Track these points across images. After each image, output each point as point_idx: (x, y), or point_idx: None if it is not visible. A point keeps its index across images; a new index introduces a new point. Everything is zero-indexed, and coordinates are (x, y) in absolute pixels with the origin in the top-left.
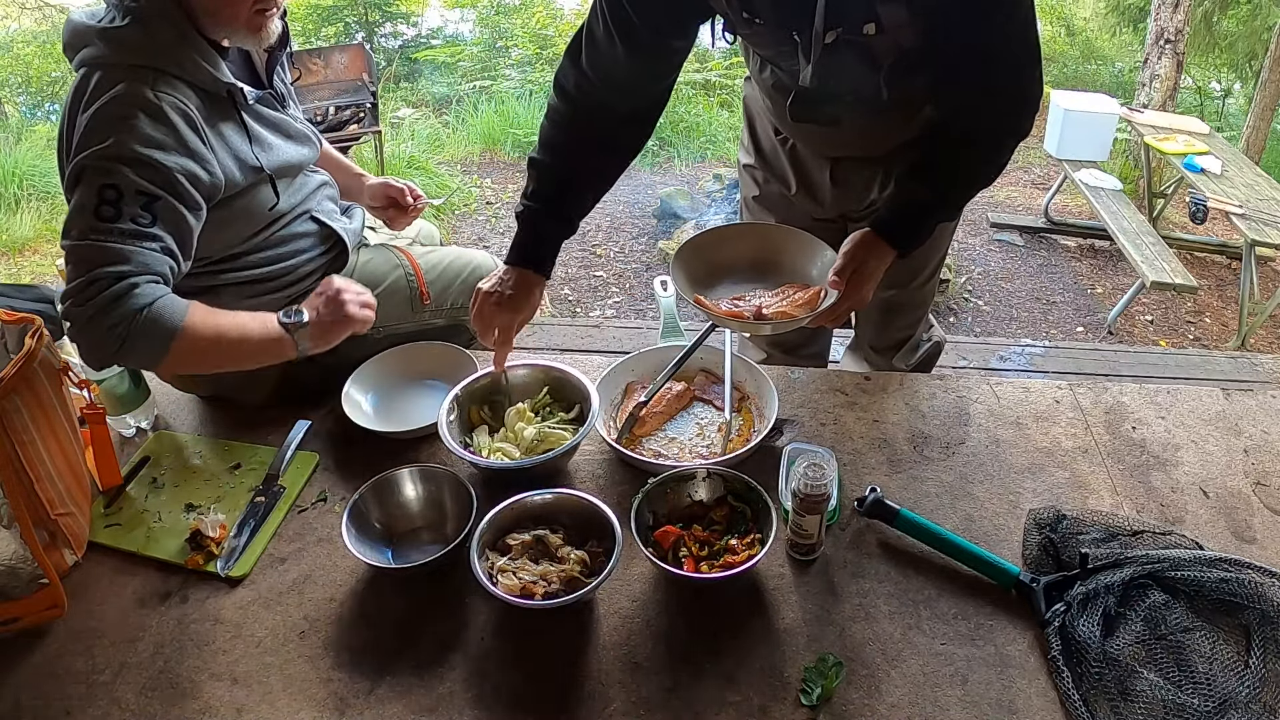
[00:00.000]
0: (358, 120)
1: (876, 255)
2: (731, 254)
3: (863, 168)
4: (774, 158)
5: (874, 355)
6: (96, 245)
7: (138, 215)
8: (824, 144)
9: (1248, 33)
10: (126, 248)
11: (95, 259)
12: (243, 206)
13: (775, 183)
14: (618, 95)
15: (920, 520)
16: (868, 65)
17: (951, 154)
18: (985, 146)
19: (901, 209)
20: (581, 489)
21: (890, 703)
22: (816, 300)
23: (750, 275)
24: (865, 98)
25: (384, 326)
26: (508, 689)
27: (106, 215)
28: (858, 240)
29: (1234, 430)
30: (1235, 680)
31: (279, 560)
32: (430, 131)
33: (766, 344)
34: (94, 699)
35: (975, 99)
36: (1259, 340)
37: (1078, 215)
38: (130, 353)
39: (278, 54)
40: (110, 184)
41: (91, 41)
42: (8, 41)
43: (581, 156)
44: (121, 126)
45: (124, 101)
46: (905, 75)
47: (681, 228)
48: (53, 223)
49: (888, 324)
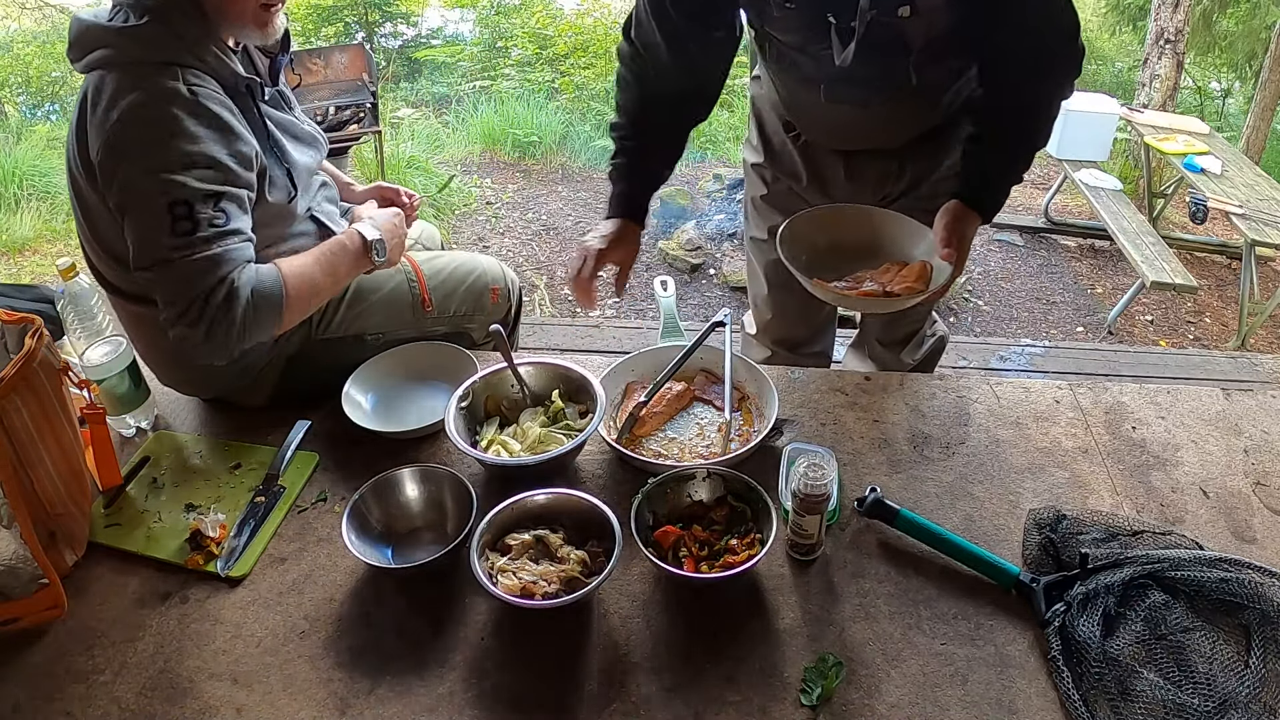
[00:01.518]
0: (358, 120)
1: (970, 225)
2: (832, 236)
3: (878, 161)
4: (784, 154)
5: (880, 350)
6: (187, 262)
7: (213, 218)
8: (840, 137)
9: (1247, 32)
10: (214, 253)
11: (191, 278)
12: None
13: (785, 180)
14: (666, 74)
15: (920, 520)
16: (898, 49)
17: (1012, 120)
18: (1040, 110)
19: (982, 177)
20: (581, 489)
21: (890, 703)
22: (924, 274)
23: (852, 256)
24: (894, 82)
25: (385, 333)
26: (508, 689)
27: (184, 230)
28: (952, 213)
29: (1234, 430)
30: (1235, 680)
31: (279, 560)
32: (430, 131)
33: (771, 341)
34: (94, 699)
35: (1020, 74)
36: (1259, 340)
37: (1078, 215)
38: (251, 339)
39: (279, 57)
40: (177, 200)
41: (108, 41)
42: (8, 41)
43: (647, 121)
44: (164, 130)
45: (158, 100)
46: (933, 61)
47: (681, 227)
48: (53, 223)
49: (895, 319)
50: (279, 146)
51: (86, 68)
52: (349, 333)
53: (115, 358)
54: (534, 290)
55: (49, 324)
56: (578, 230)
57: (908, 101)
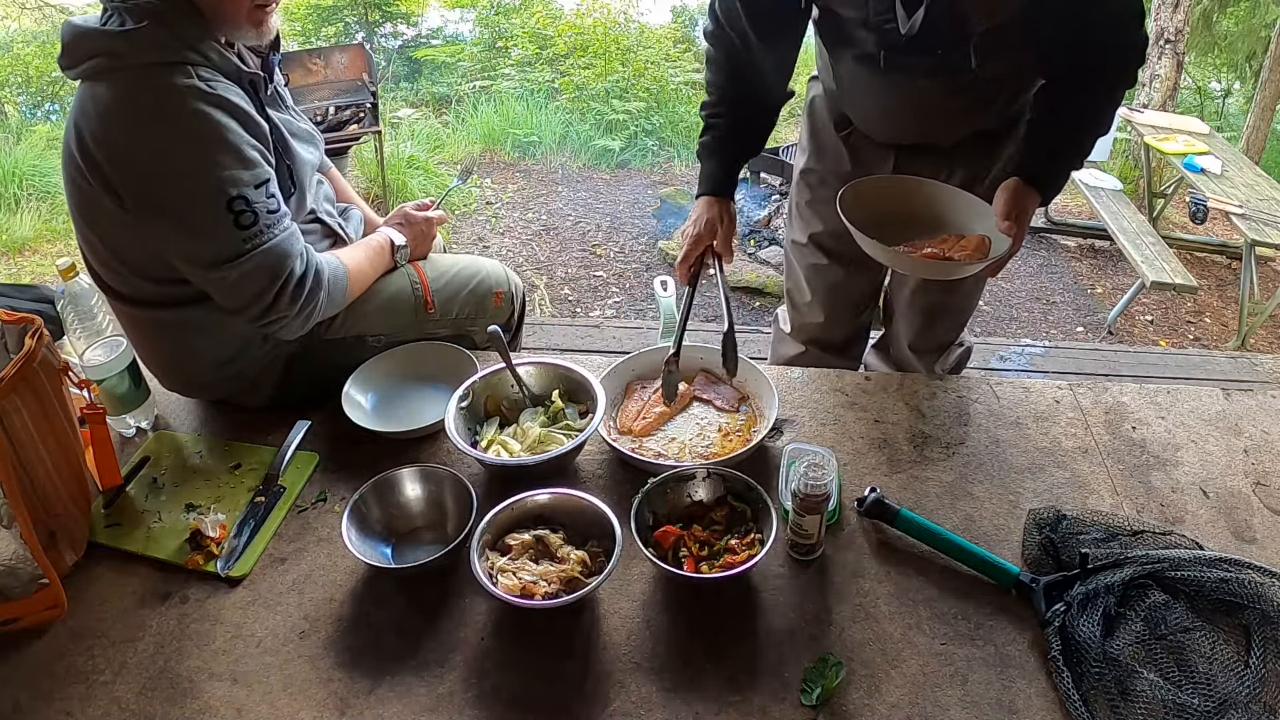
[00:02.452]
0: (358, 120)
1: (1031, 202)
2: (891, 206)
3: (927, 159)
4: (833, 152)
5: (913, 357)
6: (261, 252)
7: (268, 206)
8: (892, 124)
9: (1247, 32)
10: (279, 239)
11: (268, 267)
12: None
13: (832, 183)
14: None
15: (920, 520)
16: (960, 28)
17: (1075, 104)
18: (1101, 96)
19: (1046, 155)
20: (581, 489)
21: (890, 703)
22: (983, 247)
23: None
24: (953, 64)
25: (387, 335)
26: (508, 689)
27: (248, 222)
28: (1012, 189)
29: (1234, 430)
30: (1235, 680)
31: (279, 560)
32: (430, 131)
33: (805, 339)
34: (94, 699)
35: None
36: (1259, 340)
37: (1078, 215)
38: (326, 314)
39: (271, 56)
40: (233, 196)
41: (110, 47)
42: (8, 41)
43: (738, 95)
44: (197, 128)
45: (180, 99)
46: (995, 51)
47: (681, 228)
48: (53, 223)
49: (932, 326)
50: (283, 142)
51: (84, 74)
52: (350, 334)
53: (115, 358)
54: (534, 290)
55: (49, 324)
56: (578, 230)
57: (965, 91)
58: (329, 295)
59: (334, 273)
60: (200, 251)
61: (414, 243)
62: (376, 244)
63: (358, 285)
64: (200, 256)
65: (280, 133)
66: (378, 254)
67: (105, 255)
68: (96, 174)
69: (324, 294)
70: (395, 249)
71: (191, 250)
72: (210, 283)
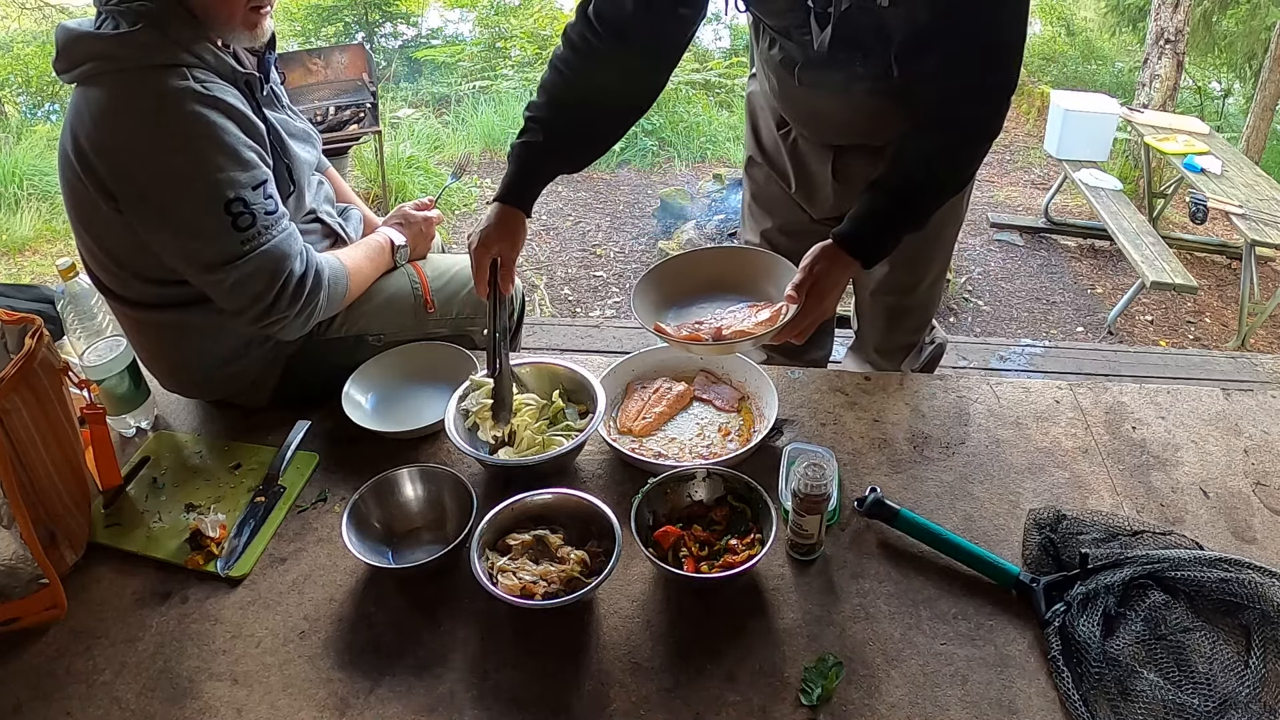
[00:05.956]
0: (358, 120)
1: (838, 267)
2: (696, 279)
3: (865, 159)
4: (775, 153)
5: (879, 359)
6: (260, 253)
7: (266, 207)
8: (825, 128)
9: (1247, 32)
10: (278, 240)
11: (267, 268)
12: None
13: (776, 180)
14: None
15: (920, 520)
16: (880, 38)
17: (918, 159)
18: (956, 144)
19: (863, 220)
20: (581, 489)
21: (890, 703)
22: (779, 316)
23: (716, 297)
24: (875, 72)
25: (386, 335)
26: (508, 689)
27: (245, 224)
28: (817, 253)
29: (1234, 430)
30: (1235, 680)
31: (279, 560)
32: (430, 131)
33: (765, 349)
34: (94, 699)
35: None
36: (1259, 340)
37: (1078, 215)
38: (326, 314)
39: (267, 56)
40: (230, 198)
41: (105, 50)
42: (8, 41)
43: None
44: (193, 131)
45: (175, 101)
46: (916, 55)
47: (681, 228)
48: (53, 223)
49: (893, 328)
50: (280, 142)
51: (79, 78)
52: (350, 333)
53: (115, 358)
54: (534, 290)
55: (49, 324)
56: (577, 230)
57: (891, 94)
58: (329, 295)
59: (334, 273)
60: (198, 254)
61: (414, 242)
62: (376, 244)
63: (358, 285)
64: (198, 259)
65: (277, 132)
66: (378, 254)
67: (104, 258)
68: (93, 178)
69: (324, 294)
70: (395, 249)
71: (189, 252)
72: (209, 285)
